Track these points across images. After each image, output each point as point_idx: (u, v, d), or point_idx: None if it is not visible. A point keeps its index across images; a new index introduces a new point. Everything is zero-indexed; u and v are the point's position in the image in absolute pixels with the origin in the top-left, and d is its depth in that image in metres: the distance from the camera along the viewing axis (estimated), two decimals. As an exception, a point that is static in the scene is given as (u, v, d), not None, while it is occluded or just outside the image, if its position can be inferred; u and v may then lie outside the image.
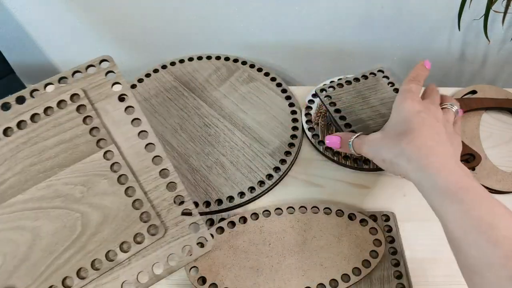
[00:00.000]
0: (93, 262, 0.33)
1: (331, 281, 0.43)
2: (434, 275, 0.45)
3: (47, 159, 0.35)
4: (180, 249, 0.34)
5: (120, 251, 0.33)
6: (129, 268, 0.33)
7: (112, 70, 0.39)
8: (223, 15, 0.65)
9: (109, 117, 0.37)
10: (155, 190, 0.35)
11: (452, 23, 0.66)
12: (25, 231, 0.33)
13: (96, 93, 0.38)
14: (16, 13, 0.64)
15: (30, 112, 0.37)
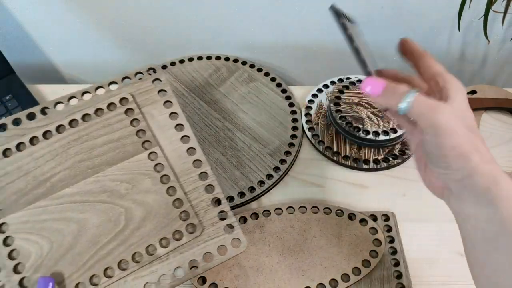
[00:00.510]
0: (134, 255, 0.35)
1: (331, 281, 0.43)
2: (434, 275, 0.45)
3: (96, 156, 0.38)
4: (216, 248, 0.35)
5: (160, 246, 0.35)
6: (167, 263, 0.35)
7: (158, 78, 0.42)
8: (223, 15, 0.65)
9: (154, 121, 0.39)
10: (194, 191, 0.37)
11: (452, 23, 0.66)
12: (72, 222, 0.35)
13: (143, 98, 0.41)
14: (16, 13, 0.64)
15: (81, 112, 0.39)
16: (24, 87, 0.63)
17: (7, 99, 0.61)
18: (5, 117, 0.58)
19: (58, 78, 0.77)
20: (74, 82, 0.78)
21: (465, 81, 0.78)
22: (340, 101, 0.55)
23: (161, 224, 0.36)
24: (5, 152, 0.38)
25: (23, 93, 0.62)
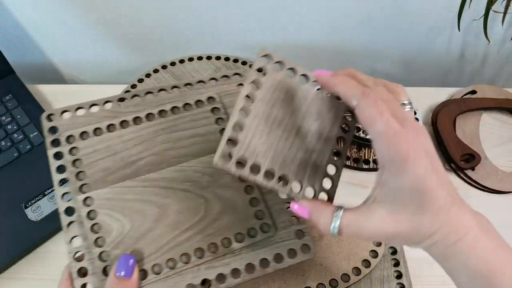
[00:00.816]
0: (210, 245, 0.36)
1: (331, 281, 0.43)
2: (434, 275, 0.45)
3: (181, 147, 0.40)
4: (286, 250, 0.36)
5: (235, 241, 0.36)
6: (240, 258, 0.36)
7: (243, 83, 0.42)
8: (223, 15, 0.65)
9: None
10: (270, 193, 0.38)
11: (452, 23, 0.66)
12: (154, 205, 0.37)
13: (228, 100, 0.43)
14: (16, 13, 0.64)
15: (171, 104, 0.41)
16: (24, 87, 0.63)
17: (7, 99, 0.61)
18: (5, 117, 0.58)
19: (58, 78, 0.77)
20: (74, 82, 0.78)
21: (465, 81, 0.78)
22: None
23: (237, 219, 0.37)
24: (95, 130, 0.39)
25: (23, 93, 0.62)
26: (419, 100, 0.59)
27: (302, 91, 0.34)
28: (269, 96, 0.33)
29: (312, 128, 0.34)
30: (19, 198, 0.51)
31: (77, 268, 0.34)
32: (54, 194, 0.51)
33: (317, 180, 0.33)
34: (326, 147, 0.34)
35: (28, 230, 0.49)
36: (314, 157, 0.33)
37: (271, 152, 0.32)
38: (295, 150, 0.33)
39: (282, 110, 0.33)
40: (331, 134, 0.34)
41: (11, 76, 0.64)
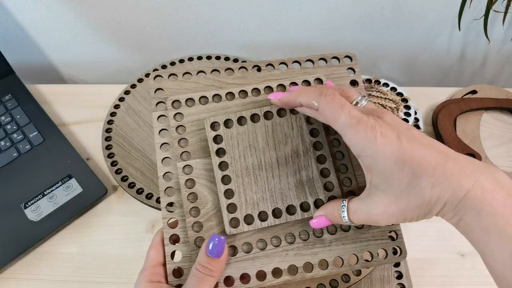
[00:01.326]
0: (302, 231, 0.35)
1: (331, 281, 0.43)
2: (434, 275, 0.45)
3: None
4: (376, 249, 0.35)
5: (326, 231, 0.35)
6: (328, 249, 0.35)
7: (353, 68, 0.41)
8: (223, 15, 0.65)
9: None
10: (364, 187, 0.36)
11: (452, 23, 0.66)
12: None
13: (335, 84, 0.40)
14: (16, 13, 0.64)
15: (277, 82, 0.40)
16: (23, 87, 0.63)
17: (7, 99, 0.61)
18: (5, 117, 0.58)
19: (58, 78, 0.77)
20: (74, 82, 0.78)
21: (465, 81, 0.78)
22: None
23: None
24: (201, 99, 0.38)
25: (23, 93, 0.62)
26: (419, 100, 0.59)
27: (259, 129, 0.36)
28: (237, 152, 0.35)
29: (287, 152, 0.35)
30: (18, 198, 0.51)
31: (169, 234, 0.34)
32: (53, 195, 0.51)
33: (318, 191, 0.34)
34: (308, 159, 0.35)
35: (28, 230, 0.49)
36: (304, 174, 0.35)
37: (267, 194, 0.34)
38: (286, 179, 0.35)
39: (254, 155, 0.35)
40: (306, 145, 0.36)
41: (11, 76, 0.64)
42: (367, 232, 0.35)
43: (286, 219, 0.34)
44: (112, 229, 0.50)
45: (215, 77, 0.40)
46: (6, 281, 0.47)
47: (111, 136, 0.57)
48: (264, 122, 0.36)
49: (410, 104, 0.54)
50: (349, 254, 0.35)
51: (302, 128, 0.36)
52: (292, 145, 0.36)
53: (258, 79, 0.40)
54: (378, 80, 0.58)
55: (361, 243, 0.35)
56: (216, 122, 0.36)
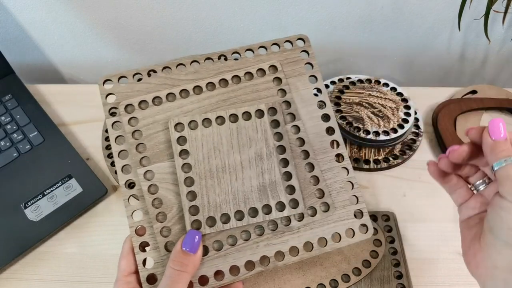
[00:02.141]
0: (270, 222, 0.35)
1: (331, 281, 0.43)
2: (434, 275, 0.45)
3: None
4: (344, 230, 0.35)
5: (294, 219, 0.35)
6: (298, 236, 0.35)
7: (306, 50, 0.41)
8: (223, 15, 0.65)
9: (298, 94, 0.39)
10: (329, 171, 0.36)
11: (452, 23, 0.66)
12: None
13: (290, 69, 0.40)
14: (16, 13, 0.64)
15: (232, 73, 0.39)
16: (23, 87, 0.63)
17: (7, 99, 0.61)
18: (5, 117, 0.58)
19: (58, 78, 0.77)
20: (74, 82, 0.78)
21: (465, 81, 0.78)
22: (341, 101, 0.55)
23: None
24: (154, 100, 0.37)
25: (23, 93, 0.62)
26: (419, 100, 0.59)
27: (224, 131, 0.36)
28: (201, 154, 0.35)
29: (251, 155, 0.36)
30: (18, 198, 0.51)
31: (138, 242, 0.34)
32: (53, 195, 0.51)
33: (280, 194, 0.35)
34: (272, 163, 0.36)
35: (28, 230, 0.49)
36: (267, 177, 0.35)
37: (230, 197, 0.35)
38: (249, 182, 0.35)
39: (218, 157, 0.35)
40: (269, 148, 0.36)
41: (11, 76, 0.64)
42: (334, 214, 0.35)
43: (248, 221, 0.34)
44: (112, 229, 0.50)
45: (167, 75, 0.39)
46: (6, 281, 0.47)
47: (111, 136, 0.56)
48: (229, 125, 0.36)
49: (410, 104, 0.54)
50: (318, 237, 0.35)
51: (267, 132, 0.36)
52: (256, 148, 0.36)
53: (212, 71, 0.39)
54: (378, 80, 0.58)
55: (329, 225, 0.35)
56: (180, 123, 0.36)
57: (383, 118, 0.53)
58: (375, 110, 0.54)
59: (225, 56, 0.40)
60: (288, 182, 0.35)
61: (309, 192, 0.36)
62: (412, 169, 0.54)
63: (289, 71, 0.40)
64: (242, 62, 0.40)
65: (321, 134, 0.37)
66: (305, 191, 0.36)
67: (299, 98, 0.39)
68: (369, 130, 0.52)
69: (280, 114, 0.37)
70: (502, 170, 0.27)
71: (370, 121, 0.53)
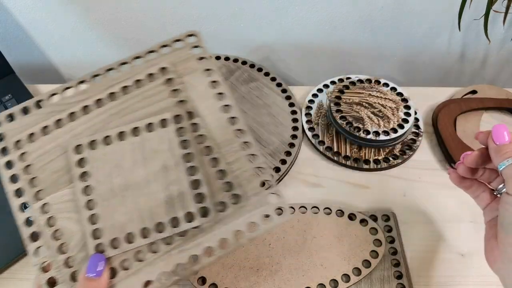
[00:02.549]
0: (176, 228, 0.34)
1: (331, 281, 0.43)
2: (434, 275, 0.45)
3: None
4: (261, 217, 0.34)
5: (202, 218, 0.34)
6: (212, 235, 0.33)
7: (198, 45, 0.40)
8: (223, 15, 0.65)
9: (195, 90, 0.38)
10: (237, 162, 0.35)
11: (452, 23, 0.66)
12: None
13: (183, 67, 0.38)
14: (16, 13, 0.64)
15: (120, 84, 0.38)
16: (23, 87, 0.63)
17: (7, 99, 0.61)
18: (5, 117, 0.58)
19: (58, 78, 0.77)
20: (74, 82, 0.78)
21: (465, 81, 0.78)
22: (341, 101, 0.55)
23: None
24: (43, 129, 0.36)
25: (23, 93, 0.62)
26: (419, 100, 0.59)
27: (127, 147, 0.35)
28: (102, 174, 0.34)
29: (157, 168, 0.34)
30: (18, 198, 0.51)
31: (45, 279, 0.32)
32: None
33: (189, 204, 0.33)
34: (179, 172, 0.34)
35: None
36: (175, 188, 0.34)
37: (135, 215, 0.33)
38: (155, 196, 0.34)
39: (121, 175, 0.34)
40: (176, 158, 0.35)
41: (11, 76, 0.64)
42: (247, 204, 0.34)
43: (155, 237, 0.33)
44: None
45: (55, 101, 0.38)
46: (6, 281, 0.47)
47: (111, 136, 0.56)
48: (131, 139, 0.35)
49: (410, 104, 0.54)
50: (233, 231, 0.33)
51: (172, 141, 0.35)
52: (162, 160, 0.35)
53: (101, 87, 0.38)
54: (378, 80, 0.58)
55: (243, 216, 0.34)
56: (80, 145, 0.35)
57: (383, 118, 0.53)
58: (375, 110, 0.54)
59: (113, 68, 0.39)
60: (197, 190, 0.34)
61: (217, 187, 0.34)
62: (412, 169, 0.54)
63: (182, 70, 0.38)
64: (132, 71, 0.39)
65: (224, 125, 0.36)
66: (213, 187, 0.34)
67: (196, 94, 0.37)
68: (369, 130, 0.52)
69: (185, 120, 0.36)
70: (507, 169, 0.30)
71: (370, 121, 0.53)
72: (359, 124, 0.53)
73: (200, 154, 0.35)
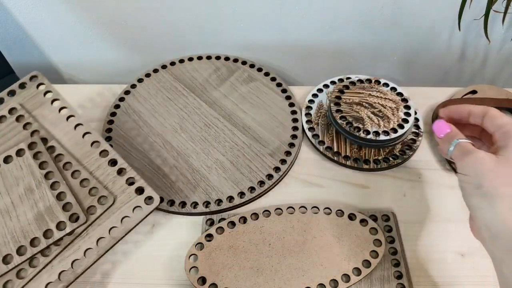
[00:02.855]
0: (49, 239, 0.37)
1: (331, 281, 0.43)
2: (434, 275, 0.45)
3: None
4: (131, 210, 0.39)
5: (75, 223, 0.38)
6: (88, 238, 0.38)
7: (42, 82, 0.46)
8: (223, 15, 0.65)
9: (46, 120, 0.44)
10: (99, 169, 0.41)
11: (452, 23, 0.66)
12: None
13: (31, 104, 0.45)
14: (16, 13, 0.64)
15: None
16: (24, 87, 0.63)
17: (7, 99, 0.61)
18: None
19: (58, 78, 0.77)
20: (74, 82, 0.78)
21: (465, 81, 0.78)
22: (341, 101, 0.55)
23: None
24: None
25: (23, 93, 0.62)
26: (419, 100, 0.59)
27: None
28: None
29: (21, 192, 0.38)
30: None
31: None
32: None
33: (58, 214, 0.37)
34: (42, 190, 0.39)
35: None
36: (42, 205, 0.38)
37: (8, 237, 0.37)
38: (24, 216, 0.38)
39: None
40: (37, 179, 0.39)
41: (11, 76, 0.64)
42: (116, 202, 0.38)
43: (32, 252, 0.35)
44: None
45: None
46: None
47: (111, 136, 0.57)
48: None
49: (410, 104, 0.54)
50: (108, 229, 0.37)
51: (31, 165, 0.40)
52: (24, 183, 0.39)
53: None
54: (378, 80, 0.58)
55: (115, 214, 0.38)
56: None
57: (383, 118, 0.53)
58: (375, 110, 0.54)
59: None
60: (64, 201, 0.38)
61: (83, 195, 0.39)
62: (412, 169, 0.54)
63: (31, 106, 0.44)
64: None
65: (79, 142, 0.42)
66: (80, 195, 0.38)
67: (48, 122, 0.43)
68: (369, 130, 0.52)
69: (40, 144, 0.41)
70: (454, 152, 0.35)
71: (370, 121, 0.53)
72: (359, 124, 0.53)
73: (61, 171, 0.40)
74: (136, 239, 0.48)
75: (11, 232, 0.37)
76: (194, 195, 0.50)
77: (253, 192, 0.50)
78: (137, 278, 0.45)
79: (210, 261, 0.44)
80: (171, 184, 0.51)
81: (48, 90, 0.45)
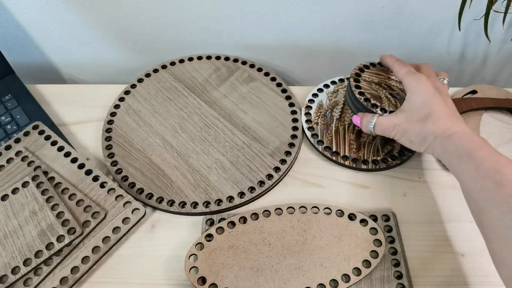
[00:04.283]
0: (49, 247, 0.44)
1: (331, 281, 0.43)
2: (434, 275, 0.45)
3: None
4: (121, 221, 0.46)
5: (72, 235, 0.45)
6: (84, 247, 0.45)
7: (43, 130, 0.54)
8: (223, 15, 0.65)
9: (47, 157, 0.52)
10: (92, 191, 0.49)
11: (452, 23, 0.66)
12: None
13: (34, 146, 0.53)
14: (16, 13, 0.64)
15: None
16: (23, 87, 0.63)
17: (7, 99, 0.61)
18: (5, 117, 0.58)
19: (58, 78, 0.77)
20: (74, 82, 0.78)
21: (465, 81, 0.78)
22: (360, 78, 0.54)
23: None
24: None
25: (23, 93, 0.62)
26: (419, 100, 0.59)
27: (0, 210, 0.47)
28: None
29: (26, 215, 0.46)
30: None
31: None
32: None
33: (58, 229, 0.45)
34: (45, 211, 0.46)
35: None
36: (44, 223, 0.45)
37: (16, 253, 0.44)
38: (29, 234, 0.45)
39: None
40: (40, 203, 0.47)
41: (11, 76, 0.64)
42: (107, 216, 0.46)
43: (36, 262, 0.43)
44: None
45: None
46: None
47: (111, 136, 0.57)
48: (2, 204, 0.47)
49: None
50: (102, 239, 0.45)
51: (34, 193, 0.48)
52: (29, 208, 0.47)
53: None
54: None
55: (107, 226, 0.46)
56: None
57: (401, 102, 0.52)
58: (393, 92, 0.53)
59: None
60: (62, 218, 0.46)
61: (79, 212, 0.46)
62: (412, 169, 0.54)
63: (33, 147, 0.53)
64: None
65: (75, 171, 0.50)
66: (76, 213, 0.46)
67: (49, 159, 0.52)
68: (386, 109, 0.50)
69: (42, 176, 0.49)
70: (374, 129, 0.48)
71: (387, 101, 0.51)
72: (376, 102, 0.51)
73: (60, 195, 0.48)
74: (136, 239, 0.49)
75: (19, 248, 0.44)
76: (194, 195, 0.50)
77: (253, 192, 0.50)
78: (137, 278, 0.45)
79: (210, 261, 0.44)
80: (171, 184, 0.51)
81: (48, 135, 0.54)
